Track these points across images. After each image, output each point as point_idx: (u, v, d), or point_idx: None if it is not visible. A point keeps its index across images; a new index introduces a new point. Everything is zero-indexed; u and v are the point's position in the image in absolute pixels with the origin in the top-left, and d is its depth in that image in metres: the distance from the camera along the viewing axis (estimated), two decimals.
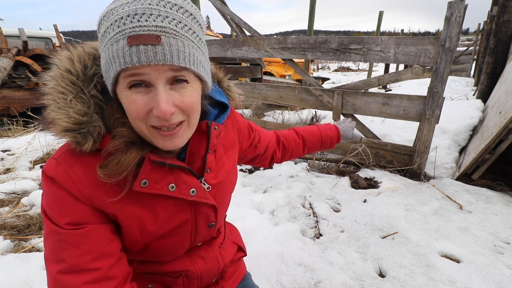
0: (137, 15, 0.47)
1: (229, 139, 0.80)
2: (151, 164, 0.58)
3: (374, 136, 2.93)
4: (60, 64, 0.56)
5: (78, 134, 0.53)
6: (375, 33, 10.41)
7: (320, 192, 2.41)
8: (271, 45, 3.17)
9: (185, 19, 0.51)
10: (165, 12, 0.49)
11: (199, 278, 0.79)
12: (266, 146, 1.03)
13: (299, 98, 3.21)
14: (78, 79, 0.56)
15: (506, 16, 4.48)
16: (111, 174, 0.53)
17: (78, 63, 0.56)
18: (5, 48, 5.51)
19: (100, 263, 0.56)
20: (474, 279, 1.51)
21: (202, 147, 0.67)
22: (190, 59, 0.51)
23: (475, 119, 3.58)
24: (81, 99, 0.55)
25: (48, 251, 0.56)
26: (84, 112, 0.54)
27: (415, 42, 2.42)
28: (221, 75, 0.77)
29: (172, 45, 0.48)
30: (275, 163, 1.11)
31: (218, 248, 0.86)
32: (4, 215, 2.10)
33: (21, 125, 4.38)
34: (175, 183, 0.62)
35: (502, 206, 2.18)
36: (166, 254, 0.72)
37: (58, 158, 0.56)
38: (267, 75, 8.32)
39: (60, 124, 0.53)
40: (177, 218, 0.66)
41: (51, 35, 7.72)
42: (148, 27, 0.47)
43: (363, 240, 1.83)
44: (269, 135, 1.08)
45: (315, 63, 26.58)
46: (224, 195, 0.77)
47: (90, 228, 0.56)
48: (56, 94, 0.54)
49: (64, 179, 0.54)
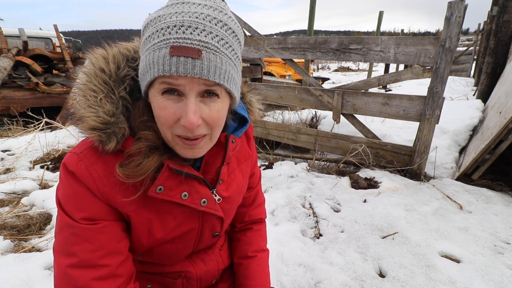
0: (183, 27, 0.49)
1: (244, 152, 0.80)
2: (169, 171, 0.59)
3: (374, 136, 2.93)
4: (95, 62, 0.57)
5: (104, 133, 0.54)
6: (375, 33, 10.41)
7: (320, 192, 2.41)
8: (271, 45, 3.17)
9: (227, 37, 0.53)
10: (210, 27, 0.50)
11: (198, 280, 0.79)
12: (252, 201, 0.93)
13: (299, 98, 3.21)
14: (110, 79, 0.57)
15: (506, 16, 4.48)
16: (130, 174, 0.54)
17: (112, 63, 0.58)
18: (5, 48, 5.51)
19: (109, 260, 0.57)
20: (474, 279, 1.51)
21: (218, 158, 0.67)
22: (225, 76, 0.52)
23: (475, 119, 3.58)
24: (110, 99, 0.56)
25: (59, 244, 0.57)
26: (112, 113, 0.55)
27: (415, 42, 2.42)
28: (245, 89, 0.78)
29: (211, 61, 0.49)
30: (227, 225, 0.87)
31: (218, 250, 0.86)
32: (4, 215, 2.10)
33: (21, 125, 4.38)
34: (188, 192, 0.62)
35: (502, 206, 2.18)
36: (168, 258, 0.73)
37: (80, 154, 0.57)
38: (267, 75, 8.32)
39: (89, 122, 0.54)
40: (184, 226, 0.67)
41: (51, 35, 7.73)
42: (191, 40, 0.48)
43: (363, 240, 1.83)
44: (261, 201, 0.98)
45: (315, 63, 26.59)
46: (232, 207, 0.77)
47: (104, 225, 0.57)
48: (88, 91, 0.55)
49: (84, 175, 0.55)
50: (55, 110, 5.00)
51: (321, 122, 4.12)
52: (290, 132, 3.39)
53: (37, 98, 5.10)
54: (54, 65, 6.05)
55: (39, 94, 5.14)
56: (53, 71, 5.82)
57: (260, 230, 0.95)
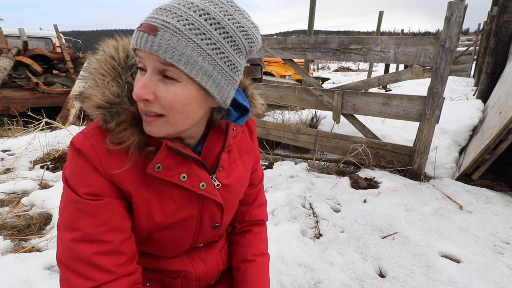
0: (160, 9, 0.52)
1: (245, 145, 0.82)
2: (167, 150, 0.61)
3: (374, 136, 2.93)
4: (107, 50, 0.63)
5: (108, 112, 0.58)
6: (375, 33, 10.41)
7: (320, 192, 2.41)
8: (271, 45, 3.18)
9: (201, 24, 0.52)
10: (181, 11, 0.51)
11: (197, 280, 0.79)
12: (254, 199, 0.94)
13: (299, 98, 3.21)
14: (119, 65, 0.62)
15: (506, 16, 4.48)
16: (115, 140, 0.58)
17: (122, 52, 0.63)
18: (5, 48, 5.51)
19: (112, 236, 0.60)
20: (474, 279, 1.51)
21: (218, 144, 0.69)
22: (181, 58, 0.51)
23: (475, 119, 3.58)
24: (117, 83, 0.61)
25: (63, 220, 0.60)
26: (117, 94, 0.59)
27: (415, 42, 2.42)
28: (247, 83, 0.79)
29: (165, 39, 0.50)
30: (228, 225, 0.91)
31: (219, 251, 0.86)
32: (4, 215, 2.10)
33: (21, 125, 4.37)
34: (187, 174, 0.64)
35: (502, 206, 2.18)
36: (168, 247, 0.73)
37: (87, 133, 0.61)
38: (267, 75, 8.31)
39: (95, 100, 0.58)
40: (183, 211, 0.68)
41: (51, 35, 7.72)
42: (155, 19, 0.51)
43: (363, 240, 1.83)
44: (263, 201, 0.98)
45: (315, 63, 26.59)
46: (232, 198, 0.77)
47: (107, 201, 0.60)
48: (97, 75, 0.60)
49: (90, 152, 0.59)
50: (55, 110, 5.00)
51: (321, 122, 4.12)
52: (290, 132, 3.39)
53: (37, 98, 5.09)
54: (54, 65, 6.05)
55: (39, 94, 5.14)
56: (53, 71, 5.81)
57: (260, 233, 0.94)
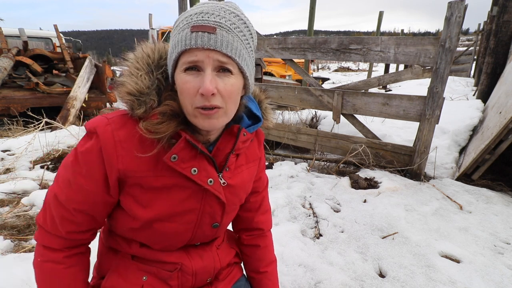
0: (202, 13, 0.61)
1: (253, 153, 0.87)
2: (185, 143, 0.67)
3: (374, 136, 2.93)
4: (145, 49, 0.72)
5: (136, 100, 0.65)
6: (375, 33, 10.41)
7: (320, 192, 2.41)
8: (271, 45, 3.18)
9: (237, 23, 0.64)
10: (224, 14, 0.62)
11: (194, 275, 0.80)
12: (258, 206, 0.98)
13: (299, 98, 3.21)
14: (152, 63, 0.71)
15: (506, 16, 4.49)
16: (151, 130, 0.63)
17: (157, 53, 0.72)
18: (5, 48, 5.50)
19: (82, 217, 0.70)
20: (474, 279, 1.51)
21: (228, 146, 0.75)
22: (236, 52, 0.62)
23: (475, 119, 3.58)
24: (148, 77, 0.69)
25: (58, 176, 0.70)
26: (147, 86, 0.67)
27: (415, 42, 2.42)
28: (262, 97, 0.86)
29: (224, 36, 0.60)
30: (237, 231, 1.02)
31: (216, 248, 0.87)
32: (4, 215, 2.10)
33: (21, 125, 4.37)
34: (198, 168, 0.70)
35: (502, 206, 2.18)
36: (166, 240, 0.75)
37: (110, 119, 0.67)
38: (267, 75, 8.31)
39: (127, 87, 0.66)
40: (186, 203, 0.72)
41: (51, 35, 7.72)
42: (208, 21, 0.60)
43: (363, 240, 1.83)
44: (268, 208, 1.03)
45: (315, 63, 26.59)
46: (234, 199, 0.81)
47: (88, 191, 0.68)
48: (133, 68, 0.69)
49: (107, 136, 0.65)
50: (55, 110, 4.99)
51: (321, 122, 4.12)
52: (290, 132, 3.39)
53: (37, 98, 5.09)
54: (54, 65, 6.04)
55: (39, 94, 5.13)
56: (53, 71, 5.81)
57: (268, 246, 1.01)
